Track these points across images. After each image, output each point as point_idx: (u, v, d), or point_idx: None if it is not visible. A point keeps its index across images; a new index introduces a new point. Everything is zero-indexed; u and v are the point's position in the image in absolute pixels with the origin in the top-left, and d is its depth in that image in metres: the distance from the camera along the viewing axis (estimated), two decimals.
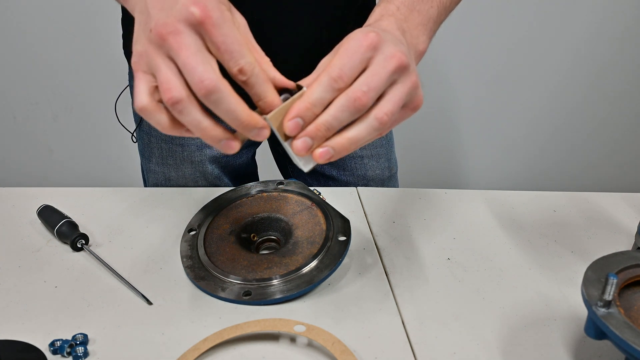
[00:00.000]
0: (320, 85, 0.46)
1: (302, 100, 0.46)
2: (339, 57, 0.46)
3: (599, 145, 2.07)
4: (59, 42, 1.82)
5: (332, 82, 0.46)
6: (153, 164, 0.94)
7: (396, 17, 0.55)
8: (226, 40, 0.43)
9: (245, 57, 0.44)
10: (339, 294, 0.64)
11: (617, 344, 0.47)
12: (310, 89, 0.46)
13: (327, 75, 0.46)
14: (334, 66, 0.46)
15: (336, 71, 0.46)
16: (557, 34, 1.87)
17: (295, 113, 0.46)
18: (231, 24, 0.43)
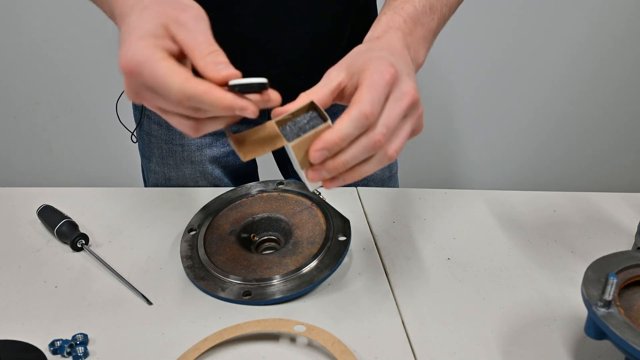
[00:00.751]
0: (352, 121, 0.46)
1: (333, 133, 0.46)
2: (368, 91, 0.47)
3: (599, 145, 2.07)
4: (60, 42, 1.82)
5: (363, 119, 0.46)
6: (153, 164, 0.94)
7: (403, 31, 0.57)
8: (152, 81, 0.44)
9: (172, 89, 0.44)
10: (339, 294, 0.64)
11: (617, 344, 0.47)
12: (341, 123, 0.46)
13: (358, 111, 0.46)
14: (365, 102, 0.46)
15: (368, 108, 0.46)
16: (557, 33, 1.87)
17: (323, 145, 0.47)
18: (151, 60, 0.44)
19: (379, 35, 0.57)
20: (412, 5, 0.60)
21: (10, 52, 1.85)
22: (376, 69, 0.48)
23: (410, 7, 0.59)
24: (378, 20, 0.59)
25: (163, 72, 0.44)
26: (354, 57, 0.52)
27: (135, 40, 0.45)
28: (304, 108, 0.49)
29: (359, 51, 0.53)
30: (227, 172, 0.95)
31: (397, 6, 0.60)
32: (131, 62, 0.44)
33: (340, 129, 0.46)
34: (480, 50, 1.88)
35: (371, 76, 0.48)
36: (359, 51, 0.53)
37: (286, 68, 0.83)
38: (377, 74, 0.48)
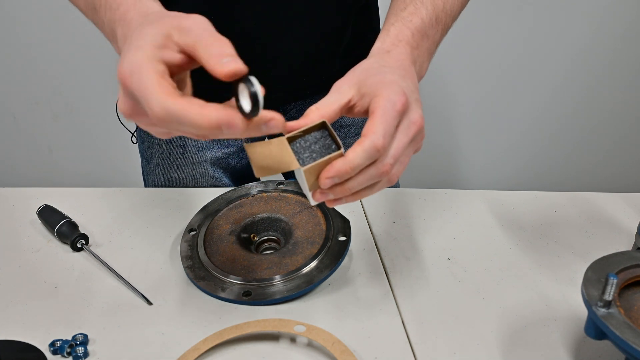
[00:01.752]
0: (364, 152, 0.48)
1: (345, 163, 0.48)
2: (381, 123, 0.48)
3: (599, 145, 2.07)
4: (59, 42, 1.82)
5: (375, 151, 0.48)
6: (153, 165, 0.94)
7: (411, 46, 0.58)
8: (138, 92, 0.43)
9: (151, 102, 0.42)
10: (339, 294, 0.64)
11: (617, 344, 0.47)
12: (354, 154, 0.48)
13: (372, 143, 0.48)
14: (378, 134, 0.48)
15: (381, 141, 0.48)
16: (558, 34, 1.87)
17: (335, 174, 0.48)
18: (142, 71, 0.43)
19: (388, 49, 0.57)
20: (420, 18, 0.61)
21: (10, 52, 1.85)
22: (389, 98, 0.49)
23: (418, 20, 0.60)
24: (387, 32, 0.60)
25: (148, 83, 0.42)
26: (365, 73, 0.53)
27: (134, 49, 0.44)
28: (315, 127, 0.50)
29: (369, 67, 0.54)
30: (228, 174, 0.96)
31: (406, 18, 0.60)
32: (124, 69, 0.44)
33: (353, 160, 0.48)
34: (481, 50, 1.88)
35: (384, 105, 0.49)
36: (369, 67, 0.54)
37: (286, 69, 0.83)
38: (390, 104, 0.49)
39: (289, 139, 0.49)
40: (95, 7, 0.56)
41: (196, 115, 0.42)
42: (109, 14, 0.53)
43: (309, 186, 0.50)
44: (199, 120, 0.42)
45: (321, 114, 0.50)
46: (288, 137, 0.49)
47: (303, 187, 0.52)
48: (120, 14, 0.51)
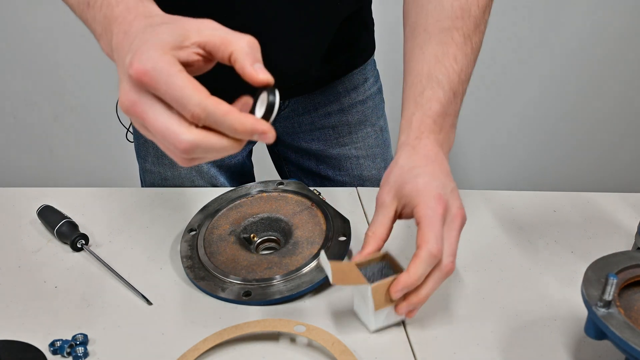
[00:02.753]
0: (424, 263, 0.54)
1: (409, 276, 0.54)
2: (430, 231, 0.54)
3: (599, 145, 2.06)
4: (59, 42, 1.82)
5: (433, 259, 0.54)
6: (149, 163, 0.94)
7: (434, 133, 0.61)
8: (168, 91, 0.42)
9: (190, 102, 0.42)
10: (339, 294, 0.64)
11: (617, 344, 0.47)
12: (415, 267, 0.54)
13: (428, 253, 0.53)
14: (431, 242, 0.53)
15: (435, 247, 0.53)
16: (557, 32, 1.87)
17: (402, 287, 0.54)
18: (170, 70, 0.42)
19: (414, 145, 0.60)
20: (438, 102, 0.62)
21: (10, 52, 1.85)
22: (429, 205, 0.55)
23: (437, 106, 0.62)
24: (409, 123, 0.62)
25: (182, 82, 0.42)
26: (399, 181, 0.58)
27: (152, 48, 0.43)
28: (379, 257, 0.60)
29: (401, 173, 0.59)
30: (223, 171, 0.96)
31: (425, 105, 0.62)
32: (146, 66, 0.42)
33: (416, 272, 0.54)
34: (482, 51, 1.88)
35: (427, 214, 0.55)
36: (401, 173, 0.59)
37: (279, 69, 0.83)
38: (431, 211, 0.55)
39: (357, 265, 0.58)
40: (89, 4, 0.54)
41: (236, 120, 0.42)
42: (105, 10, 0.52)
43: (375, 304, 0.56)
44: (237, 125, 0.42)
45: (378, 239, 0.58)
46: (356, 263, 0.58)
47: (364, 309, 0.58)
48: (120, 12, 0.50)
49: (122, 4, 0.50)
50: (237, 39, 0.45)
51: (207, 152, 0.44)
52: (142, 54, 0.43)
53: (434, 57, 0.63)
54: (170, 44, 0.44)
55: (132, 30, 0.47)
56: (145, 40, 0.44)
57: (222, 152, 0.45)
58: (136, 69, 0.42)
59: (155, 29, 0.45)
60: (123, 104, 0.45)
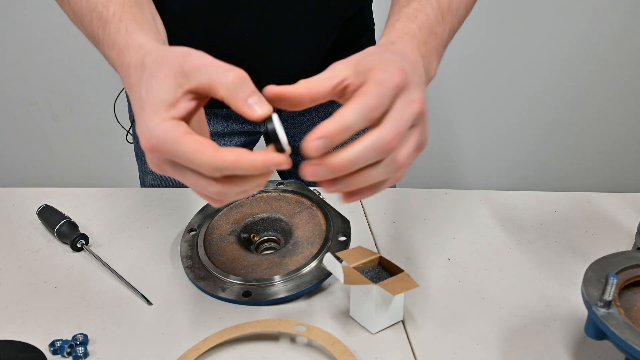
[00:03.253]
0: (355, 110, 0.42)
1: (333, 121, 0.42)
2: (374, 86, 0.43)
3: (599, 145, 2.07)
4: (59, 42, 1.82)
5: (368, 110, 0.43)
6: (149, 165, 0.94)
7: (418, 40, 0.54)
8: (179, 158, 0.43)
9: (200, 165, 0.43)
10: (339, 294, 0.64)
11: (617, 344, 0.47)
12: (342, 112, 0.42)
13: (363, 103, 0.43)
14: (370, 94, 0.43)
15: (374, 100, 0.43)
16: (556, 30, 1.87)
17: (322, 134, 0.42)
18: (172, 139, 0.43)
19: (393, 41, 0.53)
20: (425, 14, 0.58)
21: (10, 52, 1.85)
22: (385, 69, 0.45)
23: (423, 16, 0.58)
24: (392, 27, 0.56)
25: (188, 149, 0.42)
26: (364, 55, 0.48)
27: (150, 116, 0.44)
28: (374, 260, 0.61)
29: (370, 51, 0.49)
30: None
31: (410, 14, 0.58)
32: (151, 141, 0.43)
33: (341, 116, 0.42)
34: (480, 49, 1.88)
35: (380, 74, 0.44)
36: (370, 51, 0.49)
37: (278, 73, 0.83)
38: (387, 74, 0.44)
39: (355, 268, 0.59)
40: (96, 40, 0.56)
41: (249, 164, 0.42)
42: (107, 50, 0.53)
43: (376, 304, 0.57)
44: (252, 168, 0.42)
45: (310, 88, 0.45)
46: (354, 266, 0.59)
47: (365, 311, 0.59)
48: (117, 54, 0.51)
49: (116, 46, 0.51)
50: (222, 81, 0.43)
51: (238, 191, 0.45)
52: (144, 128, 0.44)
53: None
54: (164, 104, 0.44)
55: (132, 82, 0.48)
56: (143, 108, 0.44)
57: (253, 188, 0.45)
58: (145, 146, 0.44)
59: (148, 87, 0.45)
60: (152, 167, 0.47)
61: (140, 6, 0.55)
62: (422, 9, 0.59)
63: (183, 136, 0.43)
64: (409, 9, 0.59)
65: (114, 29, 0.52)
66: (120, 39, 0.51)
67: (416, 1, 0.59)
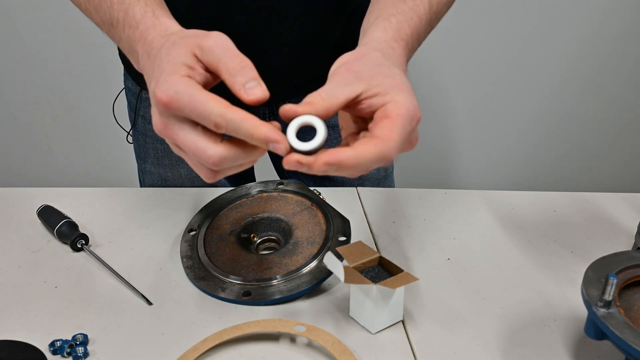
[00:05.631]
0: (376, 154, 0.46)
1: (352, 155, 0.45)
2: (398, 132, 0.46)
3: (599, 145, 2.07)
4: (59, 42, 1.82)
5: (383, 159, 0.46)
6: (149, 164, 0.94)
7: (408, 48, 0.57)
8: (192, 108, 0.45)
9: (212, 112, 0.45)
10: (339, 294, 0.64)
11: (617, 344, 0.47)
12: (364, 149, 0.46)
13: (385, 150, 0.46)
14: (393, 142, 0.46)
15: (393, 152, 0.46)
16: (556, 31, 1.87)
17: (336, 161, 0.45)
18: (190, 90, 0.45)
19: (392, 46, 0.55)
20: (418, 17, 0.59)
21: (10, 52, 1.85)
22: (409, 108, 0.47)
23: (416, 19, 0.59)
24: (388, 21, 0.57)
25: (203, 99, 0.45)
26: (375, 70, 0.50)
27: (170, 73, 0.46)
28: (374, 260, 0.61)
29: (379, 63, 0.51)
30: None
31: (407, 13, 0.59)
32: (168, 92, 0.45)
33: (362, 155, 0.46)
34: (480, 49, 1.88)
35: (405, 115, 0.47)
36: (379, 63, 0.51)
37: (276, 69, 0.83)
38: (409, 116, 0.47)
39: (355, 268, 0.59)
40: (112, 23, 0.57)
41: (252, 126, 0.45)
42: (127, 31, 0.55)
43: (374, 303, 0.57)
44: (253, 131, 0.45)
45: (326, 107, 0.47)
46: (353, 266, 0.59)
47: (365, 311, 0.58)
48: (140, 33, 0.53)
49: (141, 25, 0.53)
50: (226, 63, 0.47)
51: (233, 162, 0.47)
52: (163, 82, 0.46)
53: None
54: (184, 64, 0.47)
55: (153, 53, 0.50)
56: (162, 69, 0.47)
57: (246, 162, 0.48)
58: (160, 98, 0.46)
59: (169, 52, 0.48)
60: (156, 127, 0.48)
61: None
62: (416, 9, 0.60)
63: (200, 89, 0.46)
64: (405, 6, 0.59)
65: (139, 12, 0.54)
66: (148, 19, 0.53)
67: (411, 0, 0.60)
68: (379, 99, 0.48)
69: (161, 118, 0.48)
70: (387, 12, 0.59)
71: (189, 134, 0.47)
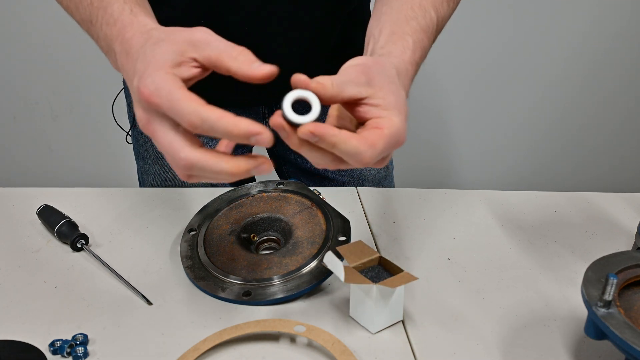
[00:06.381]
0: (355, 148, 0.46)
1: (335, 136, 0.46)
2: (385, 146, 0.48)
3: (599, 145, 2.07)
4: (59, 42, 1.82)
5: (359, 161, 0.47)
6: (148, 165, 0.94)
7: (416, 69, 0.58)
8: (169, 106, 0.45)
9: (187, 111, 0.44)
10: (339, 294, 0.64)
11: (617, 344, 0.47)
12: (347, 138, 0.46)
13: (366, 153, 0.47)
14: (376, 150, 0.47)
15: (370, 159, 0.47)
16: (554, 30, 1.87)
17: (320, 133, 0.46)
18: (171, 88, 0.45)
19: (408, 68, 0.56)
20: (428, 39, 0.60)
21: (10, 52, 1.85)
22: (398, 130, 0.49)
23: (426, 43, 0.60)
24: (406, 41, 0.57)
25: (180, 96, 0.45)
26: (385, 82, 0.51)
27: (154, 70, 0.46)
28: (374, 260, 0.61)
29: (391, 79, 0.52)
30: None
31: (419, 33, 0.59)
32: (150, 87, 0.45)
33: (342, 141, 0.46)
34: (480, 49, 1.88)
35: (392, 135, 0.48)
36: (391, 79, 0.52)
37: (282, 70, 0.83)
38: (395, 139, 0.49)
39: (355, 268, 0.59)
40: (92, 21, 0.57)
41: (229, 123, 0.44)
42: (105, 29, 0.54)
43: (374, 303, 0.57)
44: (232, 128, 0.44)
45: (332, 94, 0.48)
46: (353, 266, 0.59)
47: (365, 311, 0.59)
48: (118, 31, 0.52)
49: (118, 23, 0.53)
50: (230, 53, 0.47)
51: (203, 172, 0.47)
52: (146, 77, 0.46)
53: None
54: (169, 62, 0.47)
55: (133, 50, 0.50)
56: (147, 63, 0.47)
57: (218, 174, 0.46)
58: (143, 92, 0.46)
59: (153, 49, 0.48)
60: (140, 122, 0.48)
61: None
62: (426, 29, 0.60)
63: (181, 88, 0.46)
64: (418, 25, 0.59)
65: (117, 9, 0.54)
66: (125, 17, 0.53)
67: (427, 17, 0.60)
68: (378, 110, 0.49)
69: (144, 113, 0.47)
70: (401, 29, 0.59)
71: (168, 132, 0.46)
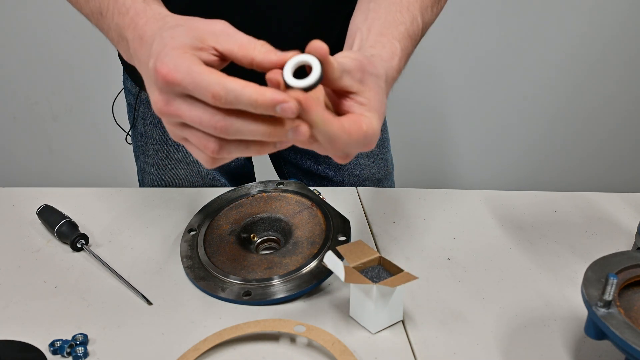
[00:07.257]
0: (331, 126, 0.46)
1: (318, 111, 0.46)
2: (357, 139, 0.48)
3: (599, 145, 2.07)
4: (59, 42, 1.82)
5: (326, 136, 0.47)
6: (148, 165, 0.94)
7: (397, 76, 0.57)
8: (190, 80, 0.44)
9: (210, 83, 0.44)
10: (339, 294, 0.64)
11: (617, 344, 0.47)
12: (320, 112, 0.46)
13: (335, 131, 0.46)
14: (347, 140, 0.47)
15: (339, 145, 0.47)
16: (553, 30, 1.87)
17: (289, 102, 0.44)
18: (190, 64, 0.44)
19: (394, 76, 0.56)
20: (412, 45, 0.60)
21: (10, 52, 1.85)
22: (374, 132, 0.49)
23: (411, 49, 0.60)
24: (394, 46, 0.57)
25: (200, 70, 0.44)
26: (374, 84, 0.51)
27: (172, 49, 0.45)
28: (374, 260, 0.61)
29: (380, 83, 0.52)
30: (224, 172, 0.95)
31: (406, 39, 0.59)
32: (169, 65, 0.44)
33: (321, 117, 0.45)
34: (480, 49, 1.88)
35: (366, 134, 0.48)
36: (380, 83, 0.52)
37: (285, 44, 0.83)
38: (367, 140, 0.49)
39: (355, 268, 0.59)
40: (102, 13, 0.57)
41: (254, 92, 0.43)
42: (117, 18, 0.54)
43: (375, 303, 0.57)
44: (257, 97, 0.43)
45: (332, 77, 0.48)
46: (353, 266, 0.59)
47: (365, 311, 0.59)
48: (130, 19, 0.52)
49: (131, 11, 0.52)
50: (254, 45, 0.46)
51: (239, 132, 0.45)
52: (164, 56, 0.45)
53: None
54: (188, 45, 0.46)
55: (147, 35, 0.49)
56: (164, 44, 0.46)
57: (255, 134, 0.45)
58: (160, 71, 0.44)
59: (171, 32, 0.47)
60: (156, 106, 0.46)
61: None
62: (414, 37, 0.60)
63: (201, 64, 0.44)
64: (405, 31, 0.59)
65: (129, 0, 0.53)
66: (138, 5, 0.52)
67: (415, 24, 0.60)
68: (360, 108, 0.49)
69: (161, 95, 0.46)
70: (390, 32, 0.59)
71: (194, 106, 0.45)
